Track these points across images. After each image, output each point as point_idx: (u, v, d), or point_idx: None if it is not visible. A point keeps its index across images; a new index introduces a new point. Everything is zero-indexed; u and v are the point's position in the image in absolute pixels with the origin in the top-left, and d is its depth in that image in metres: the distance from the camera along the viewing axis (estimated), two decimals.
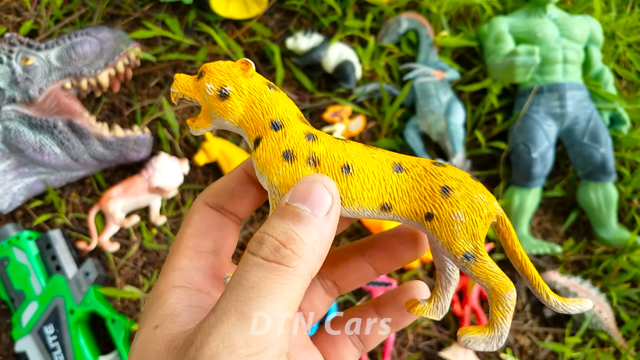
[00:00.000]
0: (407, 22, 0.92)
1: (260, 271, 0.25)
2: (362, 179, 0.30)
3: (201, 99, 0.31)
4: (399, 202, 0.30)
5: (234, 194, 0.34)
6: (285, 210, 0.27)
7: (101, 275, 0.81)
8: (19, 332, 0.78)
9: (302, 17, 0.96)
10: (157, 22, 0.92)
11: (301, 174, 0.30)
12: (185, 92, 0.32)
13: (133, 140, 0.83)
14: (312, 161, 0.30)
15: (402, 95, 0.89)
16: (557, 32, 0.90)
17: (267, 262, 0.26)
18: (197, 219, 0.33)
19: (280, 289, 0.25)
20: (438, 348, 0.85)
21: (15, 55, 0.80)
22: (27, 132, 0.80)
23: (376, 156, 0.31)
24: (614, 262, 0.88)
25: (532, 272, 0.31)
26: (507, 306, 0.30)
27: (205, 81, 0.31)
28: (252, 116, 0.31)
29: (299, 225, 0.27)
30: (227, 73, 0.31)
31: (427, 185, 0.30)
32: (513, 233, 0.32)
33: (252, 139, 0.31)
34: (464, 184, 0.30)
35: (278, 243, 0.26)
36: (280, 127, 0.31)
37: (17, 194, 0.83)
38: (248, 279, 0.25)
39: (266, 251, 0.26)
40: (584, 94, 0.89)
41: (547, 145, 0.87)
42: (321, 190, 0.28)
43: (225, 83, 0.31)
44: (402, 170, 0.31)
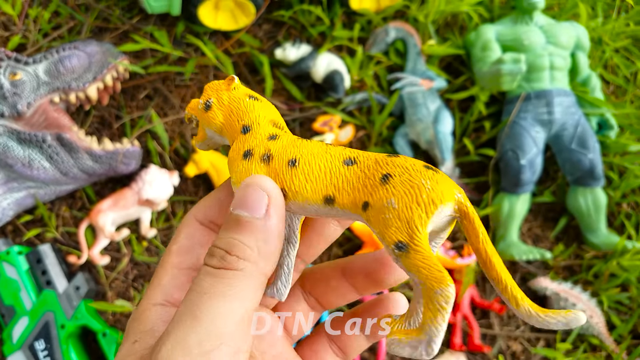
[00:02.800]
0: (395, 32, 0.93)
1: (210, 277, 0.27)
2: (306, 171, 0.29)
3: (197, 113, 0.35)
4: (342, 194, 0.28)
5: (224, 207, 0.34)
6: (228, 219, 0.29)
7: (92, 289, 0.81)
8: (10, 347, 0.77)
9: (291, 28, 0.96)
10: (145, 34, 0.93)
11: (254, 171, 0.31)
12: (191, 111, 0.36)
13: (122, 153, 0.83)
14: (266, 158, 0.31)
15: (391, 104, 0.89)
16: (544, 39, 0.91)
17: (215, 269, 0.28)
18: (183, 235, 0.34)
19: (230, 290, 0.27)
20: None
21: (3, 70, 0.80)
22: (15, 146, 0.80)
23: (330, 151, 0.30)
24: (604, 267, 0.88)
25: (501, 273, 0.27)
26: (438, 304, 0.25)
27: (200, 98, 0.35)
28: (229, 123, 0.33)
29: (241, 232, 0.28)
30: (215, 89, 0.35)
31: (371, 175, 0.28)
32: (477, 228, 0.28)
33: (231, 143, 0.33)
34: (409, 170, 0.27)
35: (224, 252, 0.28)
36: (248, 130, 0.33)
37: (6, 208, 0.83)
38: (200, 286, 0.27)
39: (214, 261, 0.28)
40: (572, 100, 0.90)
41: (535, 151, 0.88)
42: (255, 192, 0.29)
43: (210, 96, 0.34)
44: (353, 163, 0.29)
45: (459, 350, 0.84)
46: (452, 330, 0.85)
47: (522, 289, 0.88)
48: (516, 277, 0.90)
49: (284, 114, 0.91)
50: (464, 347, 0.84)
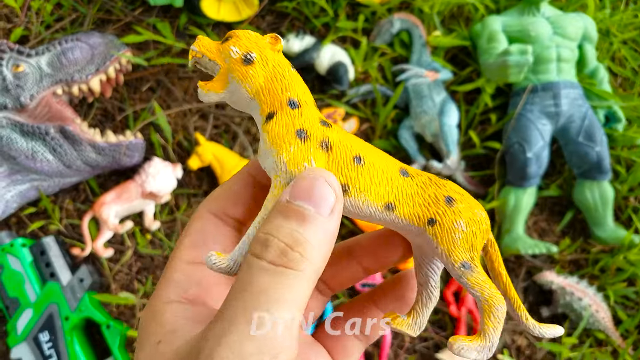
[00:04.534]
0: (400, 23, 0.92)
1: (268, 276, 0.24)
2: (372, 172, 0.30)
3: (222, 61, 0.30)
4: (402, 204, 0.30)
5: (237, 198, 0.32)
6: (288, 208, 0.26)
7: (96, 281, 0.81)
8: (14, 339, 0.78)
9: (294, 19, 0.95)
10: (148, 26, 0.92)
11: (313, 156, 0.29)
12: (207, 52, 0.30)
13: (126, 146, 0.83)
14: (325, 146, 0.29)
15: (396, 97, 0.88)
16: (551, 30, 0.89)
17: (273, 266, 0.25)
18: (195, 228, 0.32)
19: (290, 293, 0.24)
20: (435, 349, 0.85)
21: (6, 62, 0.79)
22: (19, 139, 0.80)
23: (384, 157, 0.31)
24: (610, 261, 0.87)
25: (515, 295, 0.33)
26: (498, 317, 0.30)
27: (231, 44, 0.30)
28: (270, 89, 0.30)
29: (304, 226, 0.25)
30: (254, 42, 0.30)
31: (432, 193, 0.31)
32: (500, 256, 0.33)
33: (264, 113, 0.30)
34: (466, 198, 0.31)
35: (284, 246, 0.25)
36: (297, 107, 0.30)
37: (10, 201, 0.83)
38: (255, 285, 0.24)
39: (272, 254, 0.25)
40: (579, 92, 0.88)
41: (541, 144, 0.87)
42: (324, 188, 0.27)
43: (251, 49, 0.30)
44: (407, 175, 0.31)
45: None
46: (456, 325, 0.84)
47: (527, 283, 0.88)
48: (521, 271, 0.89)
49: None
50: None
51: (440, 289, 0.86)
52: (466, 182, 0.91)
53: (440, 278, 0.87)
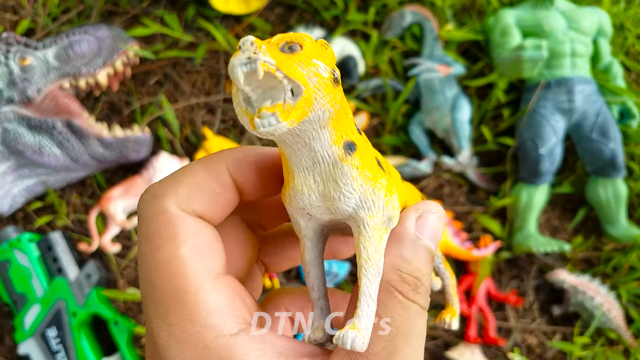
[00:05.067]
0: (411, 16, 0.90)
1: (421, 319, 0.26)
2: (408, 192, 0.30)
3: (304, 80, 0.22)
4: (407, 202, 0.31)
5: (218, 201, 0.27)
6: (421, 249, 0.27)
7: (103, 276, 0.80)
8: (22, 334, 0.77)
9: (303, 12, 0.94)
10: (155, 18, 0.91)
11: (394, 186, 0.27)
12: (283, 66, 0.21)
13: (133, 140, 0.82)
14: (388, 169, 0.27)
15: (407, 91, 0.87)
16: (565, 24, 0.88)
17: (423, 310, 0.27)
18: (187, 233, 0.26)
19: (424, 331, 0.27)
20: (445, 348, 0.84)
21: (13, 55, 0.78)
22: (26, 133, 0.79)
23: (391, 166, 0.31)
24: (623, 260, 0.86)
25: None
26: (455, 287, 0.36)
27: (313, 56, 0.22)
28: (340, 115, 0.24)
29: (430, 268, 0.27)
30: (323, 54, 0.23)
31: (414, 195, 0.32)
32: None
33: (339, 143, 0.24)
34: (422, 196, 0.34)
35: (427, 291, 0.27)
36: (360, 132, 0.26)
37: (17, 195, 0.82)
38: (415, 328, 0.26)
39: (422, 300, 0.27)
40: (593, 88, 0.87)
41: (554, 141, 0.85)
42: (442, 229, 0.28)
43: (333, 65, 0.23)
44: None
45: (473, 342, 0.82)
46: (467, 323, 0.83)
47: (539, 281, 0.87)
48: (533, 269, 0.88)
49: None
50: (479, 340, 0.82)
51: None
52: (478, 179, 0.89)
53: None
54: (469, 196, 0.90)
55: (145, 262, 0.26)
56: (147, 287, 0.26)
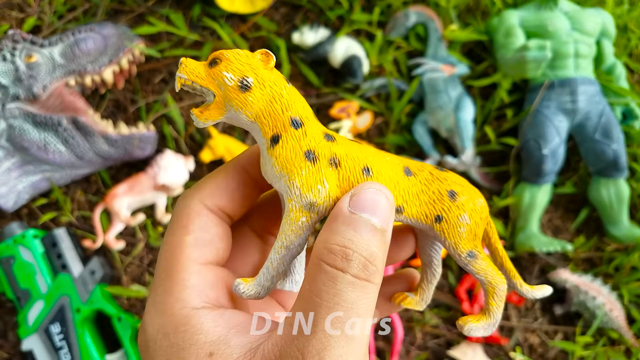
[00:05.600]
0: (416, 16, 0.90)
1: (355, 290, 0.26)
2: (381, 181, 0.30)
3: (215, 88, 0.29)
4: (410, 205, 0.31)
5: (234, 196, 0.32)
6: (356, 220, 0.27)
7: (107, 273, 0.80)
8: (25, 330, 0.78)
9: (308, 11, 0.94)
10: (161, 17, 0.91)
11: (324, 175, 0.29)
12: (196, 79, 0.29)
13: (138, 138, 0.82)
14: (334, 162, 0.30)
15: (411, 91, 0.87)
16: (569, 25, 0.88)
17: (358, 280, 0.26)
18: (197, 226, 0.31)
19: (371, 304, 0.27)
20: (447, 347, 0.84)
21: (19, 52, 0.79)
22: (31, 130, 0.79)
23: (389, 159, 0.32)
24: (625, 260, 0.86)
25: (510, 266, 0.36)
26: (501, 297, 0.33)
27: (223, 69, 0.29)
28: (270, 112, 0.29)
29: (376, 241, 0.27)
30: (247, 63, 0.29)
31: (435, 189, 0.32)
32: (495, 232, 0.35)
33: (267, 136, 0.29)
34: (466, 189, 0.33)
35: (364, 260, 0.26)
36: (300, 125, 0.30)
37: (22, 192, 0.83)
38: (346, 299, 0.26)
39: (356, 269, 0.26)
40: (596, 89, 0.87)
41: (558, 141, 0.86)
42: (385, 202, 0.28)
43: (246, 73, 0.29)
44: (411, 174, 0.32)
45: (475, 341, 0.83)
46: None
47: (540, 280, 0.87)
48: (535, 268, 0.88)
49: None
50: (481, 339, 0.83)
51: (453, 287, 0.86)
52: (481, 178, 0.90)
53: (454, 276, 0.86)
54: None
55: (162, 244, 0.31)
56: (156, 265, 0.31)
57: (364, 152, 0.31)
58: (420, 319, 0.84)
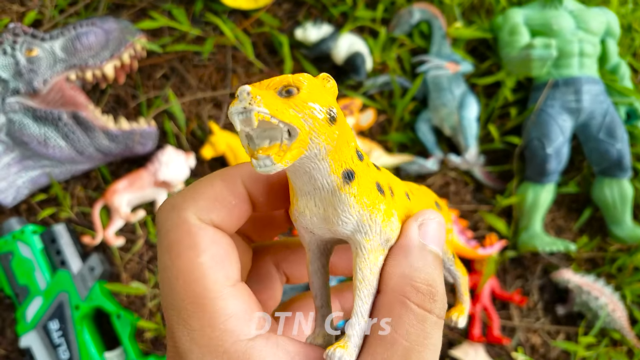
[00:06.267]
0: (420, 13, 0.90)
1: (438, 331, 0.26)
2: (415, 203, 0.30)
3: (300, 123, 0.23)
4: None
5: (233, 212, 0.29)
6: (429, 255, 0.27)
7: (106, 270, 0.80)
8: (24, 327, 0.77)
9: (312, 7, 0.94)
10: (163, 12, 0.90)
11: (393, 206, 0.28)
12: (277, 113, 0.23)
13: (139, 133, 0.81)
14: (390, 191, 0.28)
15: (414, 88, 0.86)
16: (574, 24, 0.88)
17: (439, 320, 0.26)
18: (208, 241, 0.27)
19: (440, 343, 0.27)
20: (448, 346, 0.84)
21: (20, 45, 0.78)
22: (31, 124, 0.79)
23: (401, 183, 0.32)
24: (628, 260, 0.86)
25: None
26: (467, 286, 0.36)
27: (309, 100, 0.24)
28: (341, 145, 0.25)
29: (441, 273, 0.27)
30: (322, 91, 0.25)
31: (430, 203, 0.33)
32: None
33: (338, 173, 0.25)
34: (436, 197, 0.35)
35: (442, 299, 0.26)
36: (362, 157, 0.27)
37: (21, 187, 0.82)
38: (433, 342, 0.26)
39: (439, 309, 0.26)
40: (600, 88, 0.87)
41: (561, 140, 0.85)
42: (444, 234, 0.29)
43: (331, 103, 0.25)
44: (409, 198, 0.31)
45: (477, 341, 0.82)
46: (471, 322, 0.83)
47: (543, 280, 0.86)
48: (537, 268, 0.88)
49: None
50: (483, 339, 0.82)
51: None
52: (484, 177, 0.89)
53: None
54: (475, 194, 0.90)
55: (166, 270, 0.27)
56: (169, 294, 0.27)
57: (394, 178, 0.30)
58: None
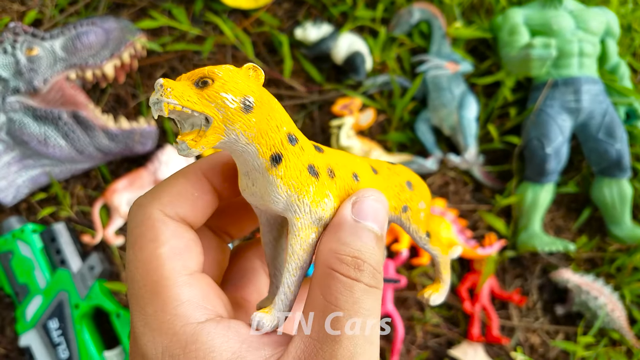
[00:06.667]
0: (419, 13, 0.90)
1: (370, 297, 0.27)
2: (365, 184, 0.31)
3: (213, 111, 0.26)
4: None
5: (197, 204, 0.30)
6: (361, 230, 0.28)
7: (106, 269, 0.80)
8: (23, 326, 0.77)
9: (312, 7, 0.94)
10: (163, 11, 0.91)
11: (327, 188, 0.29)
12: (188, 103, 0.25)
13: (139, 133, 0.81)
14: (331, 173, 0.30)
15: (414, 88, 0.87)
16: (573, 24, 0.88)
17: (370, 287, 0.27)
18: (168, 234, 0.29)
19: (378, 309, 0.28)
20: (447, 346, 0.84)
21: (20, 45, 0.78)
22: (31, 123, 0.79)
23: (359, 161, 0.33)
24: (627, 260, 0.86)
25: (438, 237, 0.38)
26: (448, 265, 0.37)
27: (221, 90, 0.26)
28: (267, 130, 0.27)
29: (379, 248, 0.28)
30: (242, 81, 0.27)
31: (397, 183, 0.34)
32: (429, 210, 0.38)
33: (266, 156, 0.27)
34: (415, 177, 0.36)
35: (373, 269, 0.27)
36: (296, 141, 0.28)
37: (21, 186, 0.82)
38: (364, 307, 0.27)
39: (368, 278, 0.27)
40: (600, 88, 0.87)
41: (561, 140, 0.85)
42: (384, 210, 0.30)
43: (246, 93, 0.26)
44: (376, 172, 0.33)
45: (476, 341, 0.82)
46: (470, 321, 0.83)
47: (542, 280, 0.86)
48: (536, 268, 0.88)
49: (303, 96, 0.89)
50: (482, 338, 0.82)
51: (455, 285, 0.85)
52: (483, 177, 0.89)
53: (455, 275, 0.85)
54: (474, 194, 0.90)
55: (130, 263, 0.29)
56: (131, 284, 0.29)
57: (346, 159, 0.32)
58: (421, 317, 0.83)
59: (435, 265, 0.37)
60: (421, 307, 0.85)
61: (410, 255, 0.84)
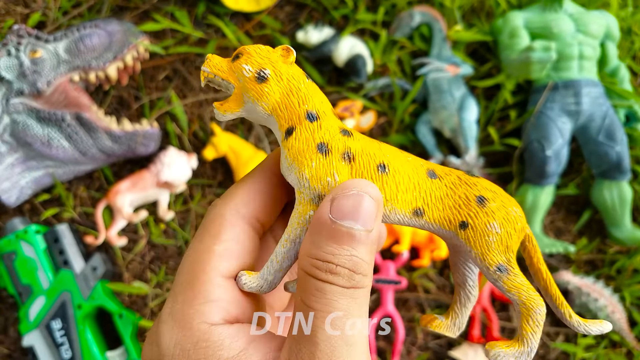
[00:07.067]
0: (420, 16, 0.90)
1: (345, 297, 0.26)
2: (398, 180, 0.29)
3: (235, 80, 0.30)
4: (432, 209, 0.30)
5: (267, 202, 0.32)
6: (336, 231, 0.26)
7: (109, 270, 0.80)
8: (27, 326, 0.77)
9: (313, 10, 0.94)
10: (166, 14, 0.91)
11: (335, 169, 0.29)
12: (218, 72, 0.30)
13: (142, 135, 0.82)
14: (347, 157, 0.29)
15: (414, 91, 0.87)
16: (573, 27, 0.88)
17: (347, 289, 0.26)
18: (230, 235, 0.30)
19: (362, 308, 0.27)
20: (448, 347, 0.84)
21: (24, 47, 0.79)
22: (35, 125, 0.79)
23: (410, 160, 0.31)
24: (627, 262, 0.86)
25: (556, 291, 0.31)
26: (537, 321, 0.29)
27: (243, 62, 0.29)
28: (287, 104, 0.29)
29: (358, 247, 0.27)
30: (266, 57, 0.30)
31: (462, 194, 0.30)
32: (539, 251, 0.32)
33: (283, 129, 0.30)
34: (499, 196, 0.30)
35: (349, 271, 0.26)
36: (316, 119, 0.30)
37: (24, 187, 0.83)
38: (337, 307, 0.26)
39: (342, 281, 0.26)
40: (600, 91, 0.87)
41: (561, 142, 0.86)
42: (369, 204, 0.27)
43: (264, 66, 0.29)
44: (435, 177, 0.30)
45: (477, 342, 0.82)
46: (470, 323, 0.84)
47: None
48: None
49: None
50: (483, 340, 0.83)
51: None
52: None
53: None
54: None
55: (187, 251, 0.30)
56: (178, 271, 0.30)
57: (382, 150, 0.30)
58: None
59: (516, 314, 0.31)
60: (422, 309, 0.85)
61: (410, 257, 0.84)
